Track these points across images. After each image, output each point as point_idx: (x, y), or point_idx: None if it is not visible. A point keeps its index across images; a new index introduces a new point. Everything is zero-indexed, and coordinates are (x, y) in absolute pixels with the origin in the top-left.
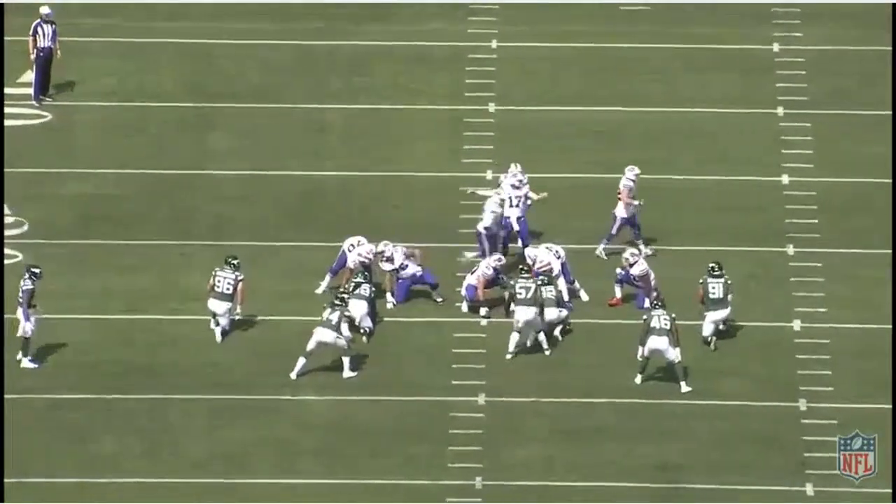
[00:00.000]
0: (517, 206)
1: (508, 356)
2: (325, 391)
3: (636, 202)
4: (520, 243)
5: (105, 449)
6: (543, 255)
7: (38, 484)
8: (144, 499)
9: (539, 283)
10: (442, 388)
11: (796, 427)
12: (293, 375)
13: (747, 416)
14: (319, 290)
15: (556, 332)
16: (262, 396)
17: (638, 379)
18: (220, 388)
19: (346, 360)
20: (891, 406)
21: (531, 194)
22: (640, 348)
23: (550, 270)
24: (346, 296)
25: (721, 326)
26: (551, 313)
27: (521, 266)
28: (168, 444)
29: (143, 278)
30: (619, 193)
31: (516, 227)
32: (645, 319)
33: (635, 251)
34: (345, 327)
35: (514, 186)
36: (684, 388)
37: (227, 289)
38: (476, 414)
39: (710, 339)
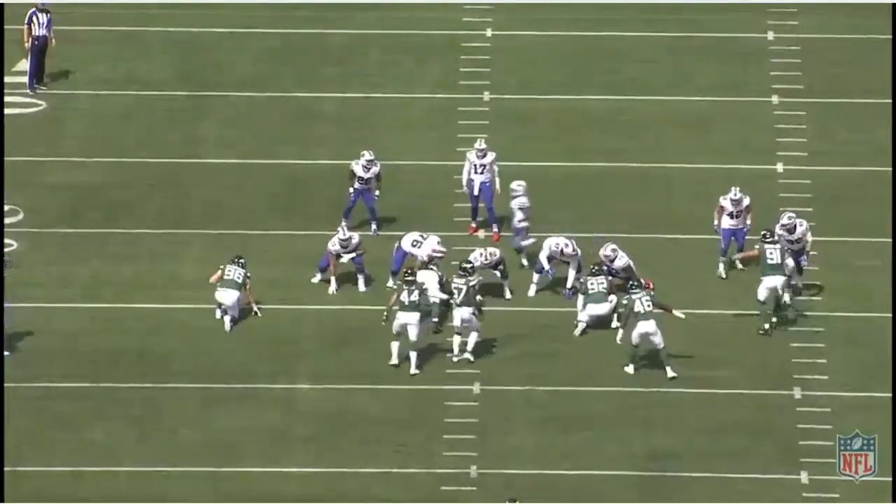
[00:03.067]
0: (481, 173)
1: (455, 359)
2: (319, 380)
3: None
4: (483, 206)
5: (98, 437)
6: (561, 243)
7: (31, 472)
8: (138, 486)
9: (474, 284)
10: (436, 377)
11: (790, 415)
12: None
13: (741, 405)
14: (315, 280)
15: (614, 322)
16: (255, 385)
17: (630, 368)
18: (212, 376)
19: (413, 355)
20: (885, 395)
21: (495, 168)
22: (620, 330)
23: (575, 255)
24: (412, 271)
25: (784, 293)
26: (602, 308)
27: (461, 265)
28: (161, 432)
29: (135, 266)
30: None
31: (476, 192)
32: (626, 304)
33: (615, 247)
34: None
35: (478, 156)
36: (670, 373)
37: (238, 277)
38: (470, 403)
39: (765, 302)
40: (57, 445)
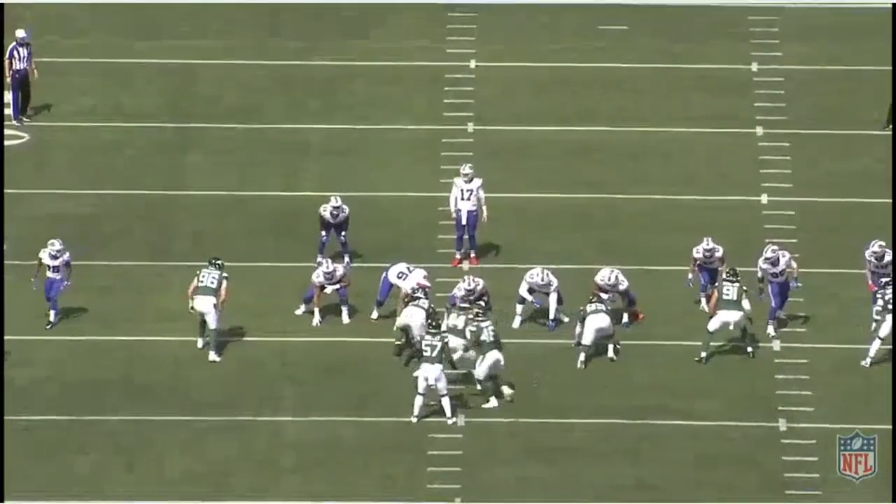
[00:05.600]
0: (468, 199)
1: (413, 419)
2: (304, 411)
3: None
4: (466, 235)
5: (83, 469)
6: (537, 275)
7: None
8: None
9: (446, 340)
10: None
11: (776, 447)
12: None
13: (726, 437)
14: (299, 312)
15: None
16: (240, 417)
17: (582, 356)
18: (197, 407)
19: (445, 402)
20: (871, 426)
21: (482, 194)
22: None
23: (548, 284)
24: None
25: (732, 328)
26: (603, 320)
27: (429, 322)
28: (146, 463)
29: (120, 298)
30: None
31: (464, 221)
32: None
33: (616, 272)
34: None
35: (464, 181)
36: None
37: (212, 283)
38: (455, 434)
39: (712, 333)
40: (42, 477)
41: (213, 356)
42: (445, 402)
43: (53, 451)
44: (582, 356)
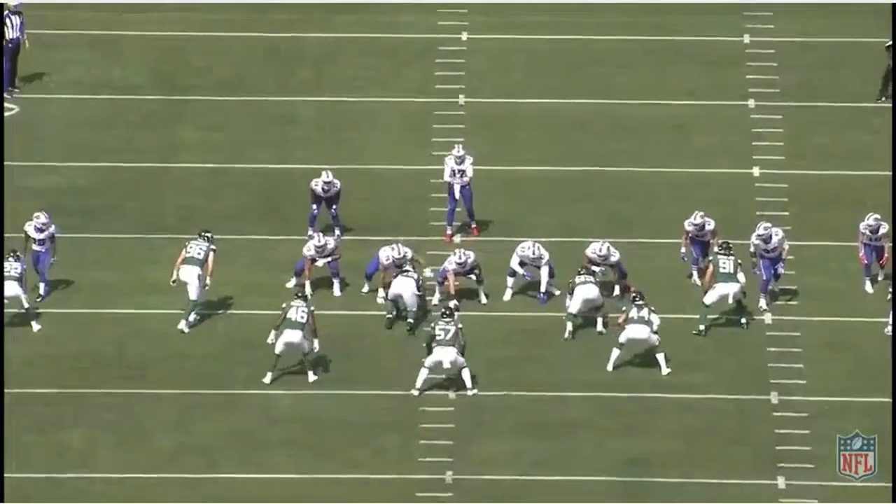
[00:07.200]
0: (460, 177)
1: (415, 392)
2: (296, 385)
3: None
4: (463, 208)
5: (74, 443)
6: (528, 248)
7: (7, 479)
8: (114, 493)
9: (460, 326)
10: (412, 382)
11: (767, 420)
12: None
13: (718, 410)
14: (290, 285)
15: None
16: (231, 390)
17: (570, 326)
18: (187, 381)
19: (465, 374)
20: (862, 399)
21: (469, 170)
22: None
23: (540, 258)
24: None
25: (731, 301)
26: (592, 291)
27: (442, 308)
28: (137, 438)
29: (111, 271)
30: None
31: (457, 196)
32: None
33: (608, 244)
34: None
35: (456, 162)
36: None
37: (199, 254)
38: (447, 408)
39: (709, 306)
40: (32, 451)
41: (182, 325)
42: (465, 375)
43: (45, 425)
44: (569, 326)
